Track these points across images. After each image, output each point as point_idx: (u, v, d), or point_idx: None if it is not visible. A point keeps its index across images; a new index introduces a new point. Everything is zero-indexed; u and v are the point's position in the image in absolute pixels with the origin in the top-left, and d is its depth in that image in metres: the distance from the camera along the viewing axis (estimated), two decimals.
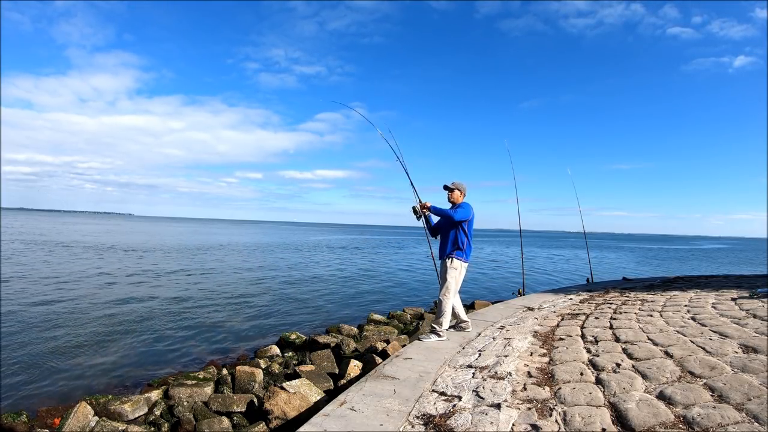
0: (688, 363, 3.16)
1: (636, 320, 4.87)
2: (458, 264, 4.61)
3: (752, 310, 4.83)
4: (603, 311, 5.67)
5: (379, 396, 3.12)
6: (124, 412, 4.46)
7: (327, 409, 2.91)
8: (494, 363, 3.69)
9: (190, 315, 10.06)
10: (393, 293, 14.60)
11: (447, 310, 4.63)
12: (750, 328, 4.00)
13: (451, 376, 3.52)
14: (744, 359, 3.11)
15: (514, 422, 2.54)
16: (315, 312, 11.07)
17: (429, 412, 2.82)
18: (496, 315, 6.13)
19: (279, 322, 9.74)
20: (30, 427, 4.48)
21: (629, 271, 24.08)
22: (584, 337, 4.30)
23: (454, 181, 4.82)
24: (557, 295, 7.91)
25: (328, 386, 5.04)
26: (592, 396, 2.79)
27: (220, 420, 4.38)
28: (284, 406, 3.95)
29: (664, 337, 3.95)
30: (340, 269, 21.33)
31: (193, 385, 5.04)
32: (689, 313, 5.06)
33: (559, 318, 5.48)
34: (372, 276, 19.07)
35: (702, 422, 2.27)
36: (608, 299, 6.83)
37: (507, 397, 2.90)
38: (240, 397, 4.78)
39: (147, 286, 13.82)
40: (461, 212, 4.55)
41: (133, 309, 10.37)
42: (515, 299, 8.02)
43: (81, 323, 8.86)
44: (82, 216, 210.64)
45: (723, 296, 6.17)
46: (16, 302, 10.42)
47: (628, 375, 3.06)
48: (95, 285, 13.48)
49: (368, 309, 10.99)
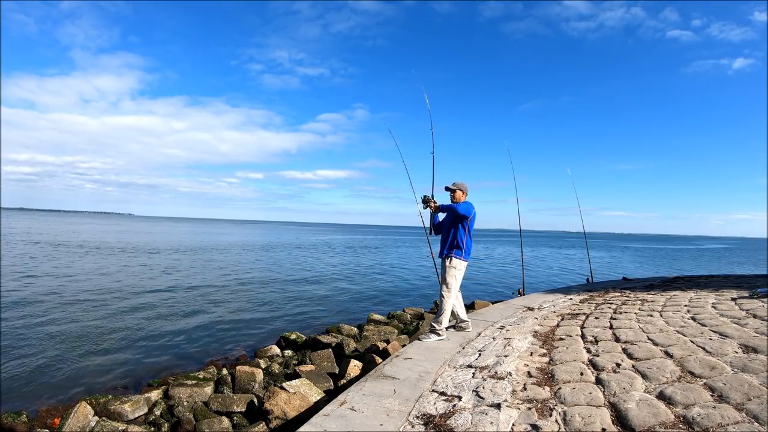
0: (688, 363, 3.16)
1: (636, 320, 4.87)
2: (457, 263, 4.61)
3: (752, 310, 4.83)
4: (603, 311, 5.67)
5: (379, 396, 3.12)
6: (124, 412, 4.46)
7: (327, 409, 2.91)
8: (494, 363, 3.69)
9: (190, 315, 10.06)
10: (393, 293, 14.60)
11: (447, 310, 4.63)
12: (750, 328, 4.00)
13: (451, 376, 3.52)
14: (744, 359, 3.11)
15: (514, 422, 2.54)
16: (315, 312, 11.08)
17: (429, 412, 2.82)
18: (496, 315, 6.14)
19: (279, 322, 9.75)
20: (30, 427, 4.48)
21: (629, 271, 24.07)
22: (584, 337, 4.30)
23: (455, 182, 4.82)
24: (557, 295, 7.91)
25: (328, 386, 5.04)
26: (592, 396, 2.79)
27: (220, 420, 4.38)
28: (284, 406, 3.95)
29: (664, 337, 3.95)
30: (340, 269, 21.33)
31: (193, 385, 5.04)
32: (689, 313, 5.06)
33: (559, 318, 5.48)
34: (372, 276, 19.07)
35: (702, 422, 2.27)
36: (608, 299, 6.83)
37: (507, 397, 2.90)
38: (240, 397, 4.78)
39: (147, 285, 13.82)
40: (464, 206, 4.59)
41: (133, 309, 10.37)
42: (515, 299, 8.01)
43: (81, 323, 8.86)
44: (81, 216, 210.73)
45: (723, 296, 6.17)
46: (16, 302, 10.43)
47: (628, 375, 3.06)
48: (95, 285, 13.48)
49: (368, 309, 11.00)
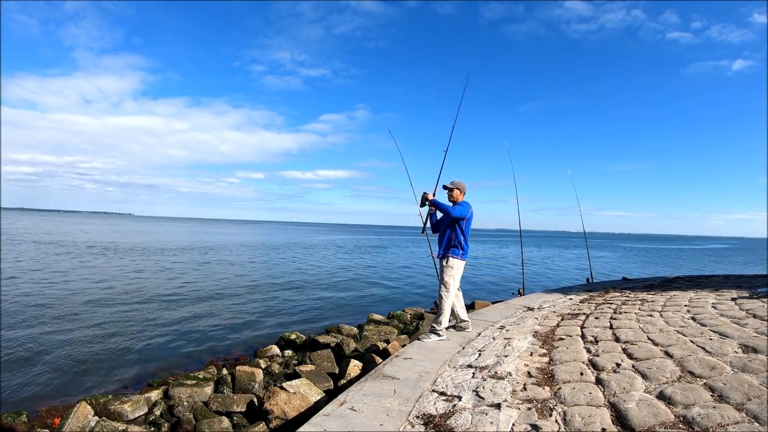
0: (688, 363, 3.16)
1: (636, 320, 4.87)
2: (454, 263, 4.61)
3: (752, 310, 4.83)
4: (603, 311, 5.67)
5: (379, 396, 3.12)
6: (124, 412, 4.46)
7: (327, 409, 2.91)
8: (494, 363, 3.69)
9: (190, 315, 10.06)
10: (393, 293, 14.61)
11: (446, 310, 4.63)
12: (750, 328, 4.00)
13: (451, 376, 3.52)
14: (744, 359, 3.11)
15: (514, 422, 2.54)
16: (315, 312, 11.08)
17: (429, 412, 2.82)
18: (496, 315, 6.14)
19: (279, 322, 9.75)
20: (30, 427, 4.48)
21: (629, 271, 24.07)
22: (584, 337, 4.30)
23: (453, 180, 4.82)
24: (557, 295, 7.91)
25: (328, 386, 5.04)
26: (592, 396, 2.79)
27: (220, 420, 4.38)
28: (284, 406, 3.95)
29: (664, 337, 3.94)
30: (340, 269, 21.33)
31: (193, 385, 5.04)
32: (689, 313, 5.06)
33: (559, 318, 5.48)
34: (372, 276, 19.07)
35: (702, 422, 2.27)
36: (608, 299, 6.83)
37: (507, 397, 2.90)
38: (240, 397, 4.78)
39: (147, 285, 13.82)
40: (459, 209, 4.57)
41: (133, 309, 10.37)
42: (515, 299, 8.01)
43: (81, 323, 8.86)
44: (81, 216, 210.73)
45: (723, 296, 6.16)
46: (16, 302, 10.43)
47: (628, 375, 3.05)
48: (95, 285, 13.48)
49: (368, 309, 11.00)
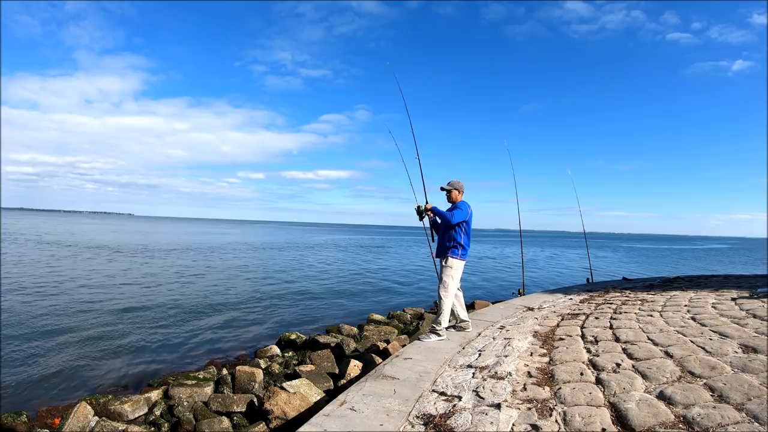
0: (688, 363, 3.16)
1: (636, 320, 4.87)
2: (453, 262, 4.60)
3: (752, 310, 4.83)
4: (603, 311, 5.67)
5: (379, 396, 3.12)
6: (124, 412, 4.46)
7: (327, 409, 2.91)
8: (494, 363, 3.68)
9: (190, 315, 10.06)
10: (393, 293, 14.61)
11: (446, 310, 4.63)
12: (750, 328, 4.00)
13: (451, 376, 3.52)
14: (744, 359, 3.11)
15: (514, 422, 2.54)
16: (315, 312, 11.08)
17: (429, 412, 2.82)
18: (496, 315, 6.13)
19: (279, 322, 9.74)
20: (30, 427, 4.48)
21: (629, 271, 24.07)
22: (584, 337, 4.30)
23: (451, 181, 4.82)
24: (557, 295, 7.91)
25: (328, 386, 5.04)
26: (592, 396, 2.79)
27: (220, 420, 4.38)
28: (284, 406, 3.95)
29: (664, 337, 3.94)
30: (340, 269, 21.33)
31: (193, 385, 5.04)
32: (689, 313, 5.06)
33: (559, 318, 5.48)
34: (372, 276, 19.07)
35: (702, 422, 2.27)
36: (608, 299, 6.83)
37: (507, 397, 2.89)
38: (240, 397, 4.78)
39: (147, 286, 13.82)
40: (458, 214, 4.57)
41: (134, 309, 10.36)
42: (515, 299, 8.01)
43: (81, 323, 8.85)
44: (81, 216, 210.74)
45: (723, 296, 6.16)
46: (16, 302, 10.42)
47: (628, 375, 3.05)
48: (95, 285, 13.48)
49: (368, 309, 10.99)
